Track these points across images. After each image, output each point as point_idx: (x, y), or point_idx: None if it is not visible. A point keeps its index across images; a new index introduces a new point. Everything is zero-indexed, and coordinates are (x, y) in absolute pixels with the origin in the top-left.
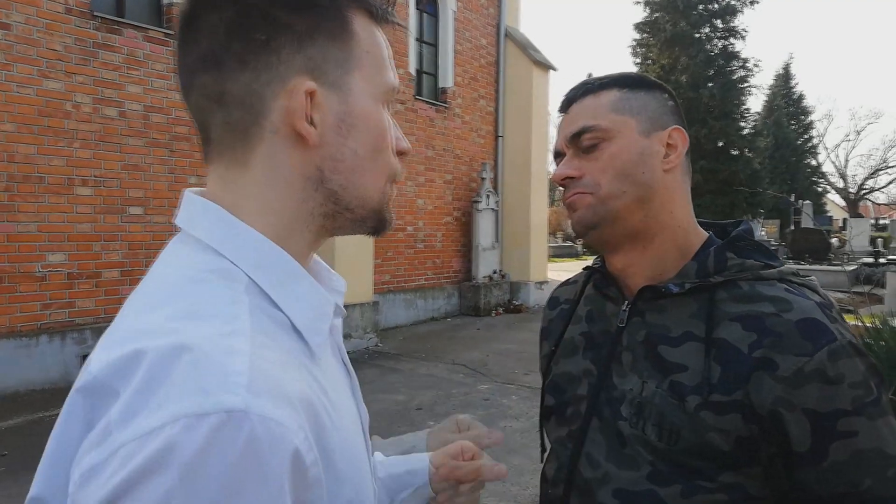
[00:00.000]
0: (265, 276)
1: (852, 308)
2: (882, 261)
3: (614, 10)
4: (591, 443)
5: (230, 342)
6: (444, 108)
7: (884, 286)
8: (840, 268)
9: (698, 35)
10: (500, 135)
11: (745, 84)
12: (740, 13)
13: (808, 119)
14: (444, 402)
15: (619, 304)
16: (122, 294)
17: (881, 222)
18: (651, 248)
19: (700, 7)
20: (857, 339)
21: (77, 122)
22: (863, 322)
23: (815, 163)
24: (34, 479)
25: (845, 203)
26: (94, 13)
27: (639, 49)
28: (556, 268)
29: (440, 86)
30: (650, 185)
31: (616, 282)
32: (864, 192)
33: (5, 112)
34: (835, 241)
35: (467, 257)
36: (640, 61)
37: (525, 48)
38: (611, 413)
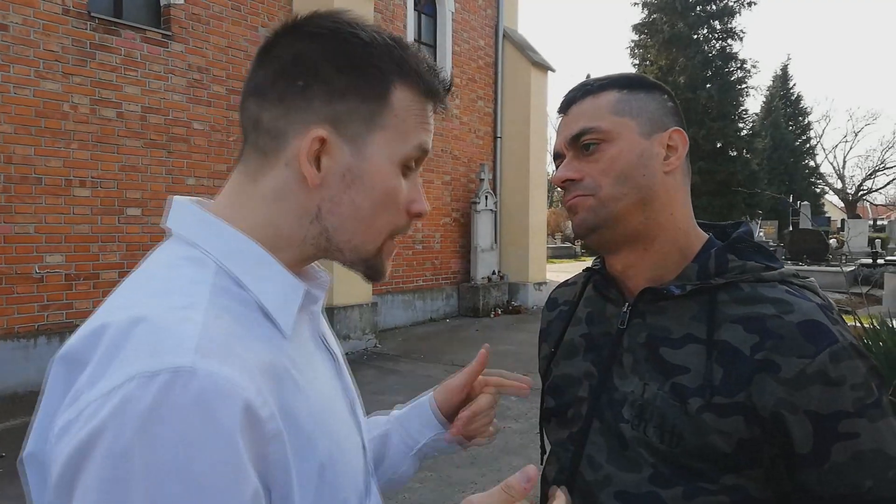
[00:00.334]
0: (235, 263)
1: (850, 309)
2: (880, 262)
3: (612, 11)
4: (592, 445)
5: (185, 313)
6: (443, 108)
7: (882, 287)
8: (838, 269)
9: (696, 36)
10: (499, 136)
11: (743, 85)
12: (738, 14)
13: (806, 120)
14: None
15: (619, 305)
16: None
17: (879, 223)
18: (652, 249)
19: (698, 8)
20: (857, 340)
21: (74, 123)
22: (861, 323)
23: (813, 164)
24: (29, 438)
25: (843, 204)
26: (92, 14)
27: (637, 50)
28: (554, 269)
29: None
30: (651, 187)
31: (616, 283)
32: (861, 193)
33: (2, 113)
34: (833, 241)
35: (466, 258)
36: (638, 62)
37: (523, 49)
38: (612, 415)
